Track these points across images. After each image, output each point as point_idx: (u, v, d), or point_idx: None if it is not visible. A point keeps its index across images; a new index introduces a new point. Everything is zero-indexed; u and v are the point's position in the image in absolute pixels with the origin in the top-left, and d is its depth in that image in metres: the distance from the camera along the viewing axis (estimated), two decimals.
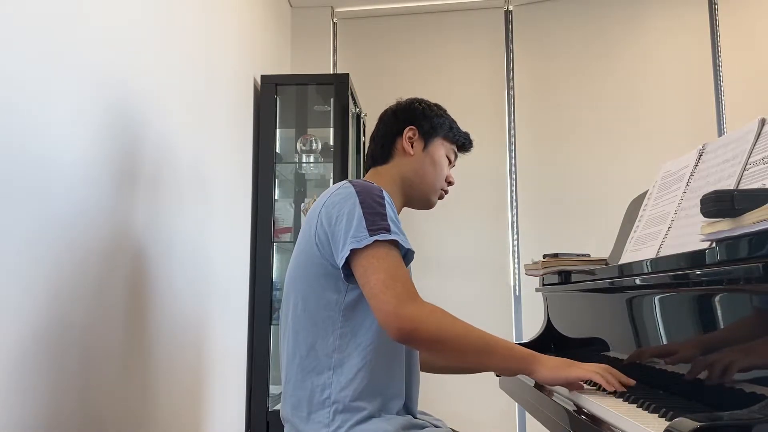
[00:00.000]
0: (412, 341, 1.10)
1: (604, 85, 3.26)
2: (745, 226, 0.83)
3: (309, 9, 3.53)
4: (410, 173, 1.39)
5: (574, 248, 1.76)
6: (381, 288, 1.08)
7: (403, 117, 1.42)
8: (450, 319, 1.12)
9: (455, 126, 1.46)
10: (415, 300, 1.09)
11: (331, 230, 1.17)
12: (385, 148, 1.41)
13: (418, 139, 1.40)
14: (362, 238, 1.11)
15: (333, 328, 1.17)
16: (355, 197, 1.17)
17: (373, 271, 1.10)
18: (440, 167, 1.42)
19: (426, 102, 1.46)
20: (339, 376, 1.15)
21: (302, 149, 2.92)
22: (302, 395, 1.17)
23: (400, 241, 1.14)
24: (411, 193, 1.41)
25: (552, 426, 1.27)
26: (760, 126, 1.11)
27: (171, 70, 1.84)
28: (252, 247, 2.70)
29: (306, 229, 1.24)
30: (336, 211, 1.18)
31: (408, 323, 1.06)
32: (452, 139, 1.45)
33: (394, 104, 1.47)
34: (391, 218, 1.16)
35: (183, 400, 1.90)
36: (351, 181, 1.24)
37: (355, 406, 1.13)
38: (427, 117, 1.42)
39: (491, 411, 3.07)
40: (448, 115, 1.47)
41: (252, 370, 2.62)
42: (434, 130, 1.42)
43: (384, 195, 1.20)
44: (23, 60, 1.16)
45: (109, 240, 1.46)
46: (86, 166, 1.37)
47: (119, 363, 1.50)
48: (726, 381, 0.92)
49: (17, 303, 1.13)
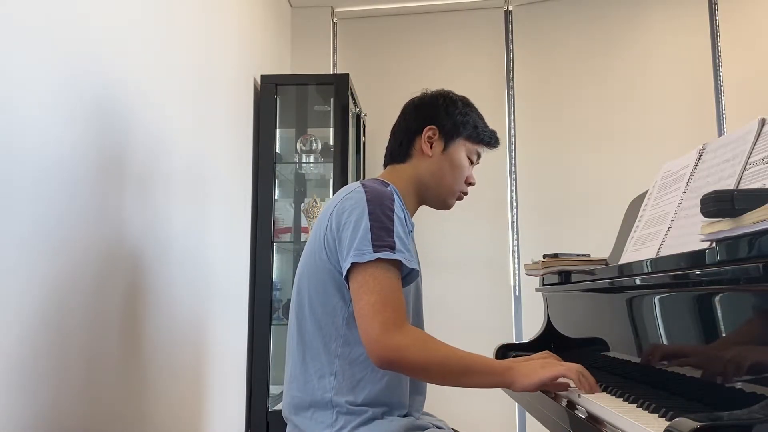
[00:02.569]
0: (394, 368, 1.10)
1: (604, 85, 3.26)
2: (745, 226, 0.83)
3: (309, 9, 3.53)
4: (427, 176, 1.33)
5: (574, 248, 1.76)
6: (370, 311, 1.07)
7: (424, 114, 1.35)
8: (432, 347, 1.10)
9: (480, 124, 1.37)
10: (401, 328, 1.08)
11: (338, 236, 1.16)
12: (404, 146, 1.35)
13: (438, 140, 1.33)
14: (365, 252, 1.10)
15: (336, 335, 1.16)
16: (365, 206, 1.15)
17: (367, 291, 1.09)
18: (459, 170, 1.35)
19: (451, 97, 1.37)
20: (341, 382, 1.15)
21: (302, 149, 2.92)
22: (306, 396, 1.17)
23: (403, 261, 1.12)
24: (427, 194, 1.36)
25: (552, 426, 1.27)
26: (760, 126, 1.11)
27: (171, 70, 1.84)
28: (252, 247, 2.70)
29: (316, 230, 1.23)
30: (345, 216, 1.16)
31: (391, 353, 1.06)
32: (476, 139, 1.36)
33: (418, 96, 1.39)
34: (398, 234, 1.14)
35: (183, 400, 1.90)
36: (364, 184, 1.22)
37: (358, 410, 1.14)
38: (450, 115, 1.34)
39: (491, 411, 3.07)
40: (474, 111, 1.37)
41: (252, 370, 2.62)
42: (456, 130, 1.34)
43: (396, 205, 1.18)
44: (23, 60, 1.16)
45: (109, 240, 1.46)
46: (85, 166, 1.36)
47: (119, 363, 1.50)
48: (726, 381, 0.92)
49: (16, 303, 1.13)
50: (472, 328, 3.07)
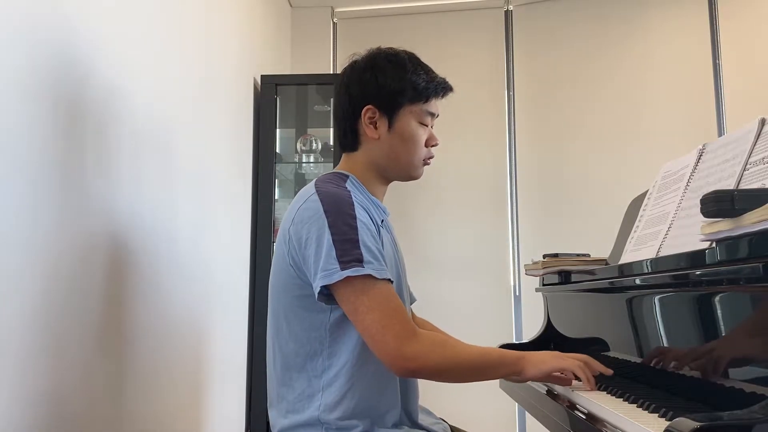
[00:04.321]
0: (417, 376, 1.11)
1: (604, 84, 3.26)
2: (745, 226, 0.83)
3: (309, 9, 3.53)
4: (382, 158, 1.23)
5: (574, 248, 1.76)
6: (379, 329, 1.05)
7: (356, 95, 1.22)
8: (450, 348, 1.10)
9: (420, 81, 1.22)
10: (414, 336, 1.07)
11: (302, 253, 1.11)
12: (348, 134, 1.25)
13: (380, 118, 1.21)
14: (333, 272, 1.05)
15: (321, 348, 1.13)
16: (323, 219, 1.08)
17: (366, 310, 1.05)
18: (413, 142, 1.22)
19: (380, 63, 1.23)
20: (328, 397, 1.11)
21: (302, 149, 2.92)
22: (297, 416, 1.14)
23: (373, 274, 1.05)
24: (389, 174, 1.26)
25: (552, 426, 1.27)
26: (760, 126, 1.11)
27: (171, 70, 1.84)
28: (252, 247, 2.70)
29: (279, 249, 1.18)
30: (305, 232, 1.10)
31: (412, 362, 1.05)
32: (421, 98, 1.22)
33: (346, 74, 1.27)
34: (364, 242, 1.07)
35: (183, 400, 1.90)
36: (318, 189, 1.14)
37: (346, 425, 1.11)
38: (383, 87, 1.20)
39: (491, 411, 3.07)
40: (408, 67, 1.22)
41: (252, 371, 2.62)
42: (395, 101, 1.20)
43: (356, 208, 1.11)
44: (21, 60, 1.16)
45: (108, 241, 1.46)
46: (85, 166, 1.36)
47: (118, 364, 1.50)
48: (726, 381, 0.92)
49: (14, 303, 1.13)
50: (472, 328, 3.05)
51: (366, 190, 1.24)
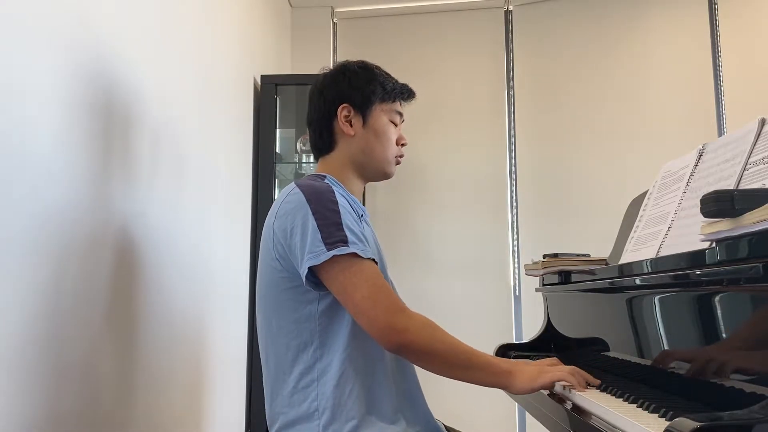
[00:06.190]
0: (404, 352, 1.10)
1: (604, 85, 3.26)
2: (745, 226, 0.83)
3: (309, 9, 3.53)
4: (358, 154, 1.32)
5: (574, 248, 1.76)
6: (369, 304, 1.07)
7: (332, 96, 1.33)
8: (440, 333, 1.11)
9: (388, 83, 1.34)
10: (404, 311, 1.09)
11: (287, 243, 1.15)
12: (325, 135, 1.33)
13: (355, 116, 1.31)
14: (319, 252, 1.09)
15: (312, 339, 1.15)
16: (306, 206, 1.14)
17: (354, 288, 1.08)
18: (386, 137, 1.33)
19: (349, 68, 1.35)
20: (323, 387, 1.13)
21: (302, 149, 2.92)
22: (292, 412, 1.15)
23: (359, 253, 1.10)
24: (365, 172, 1.34)
25: (552, 426, 1.27)
26: (760, 126, 1.11)
27: (171, 70, 1.84)
28: (252, 247, 2.70)
29: (264, 246, 1.21)
30: (289, 222, 1.15)
31: (400, 335, 1.07)
32: (390, 98, 1.34)
33: (319, 81, 1.38)
34: (347, 225, 1.12)
35: (183, 400, 1.90)
36: (299, 184, 1.20)
37: (344, 415, 1.12)
38: (356, 87, 1.32)
39: (491, 411, 3.07)
40: (376, 73, 1.35)
41: (252, 371, 2.62)
42: (368, 99, 1.32)
43: (336, 195, 1.16)
44: (22, 61, 1.16)
45: (108, 241, 1.46)
46: (84, 166, 1.36)
47: (118, 363, 1.50)
48: (726, 381, 0.92)
49: (13, 303, 1.13)
50: (472, 328, 3.05)
51: (344, 188, 1.28)
